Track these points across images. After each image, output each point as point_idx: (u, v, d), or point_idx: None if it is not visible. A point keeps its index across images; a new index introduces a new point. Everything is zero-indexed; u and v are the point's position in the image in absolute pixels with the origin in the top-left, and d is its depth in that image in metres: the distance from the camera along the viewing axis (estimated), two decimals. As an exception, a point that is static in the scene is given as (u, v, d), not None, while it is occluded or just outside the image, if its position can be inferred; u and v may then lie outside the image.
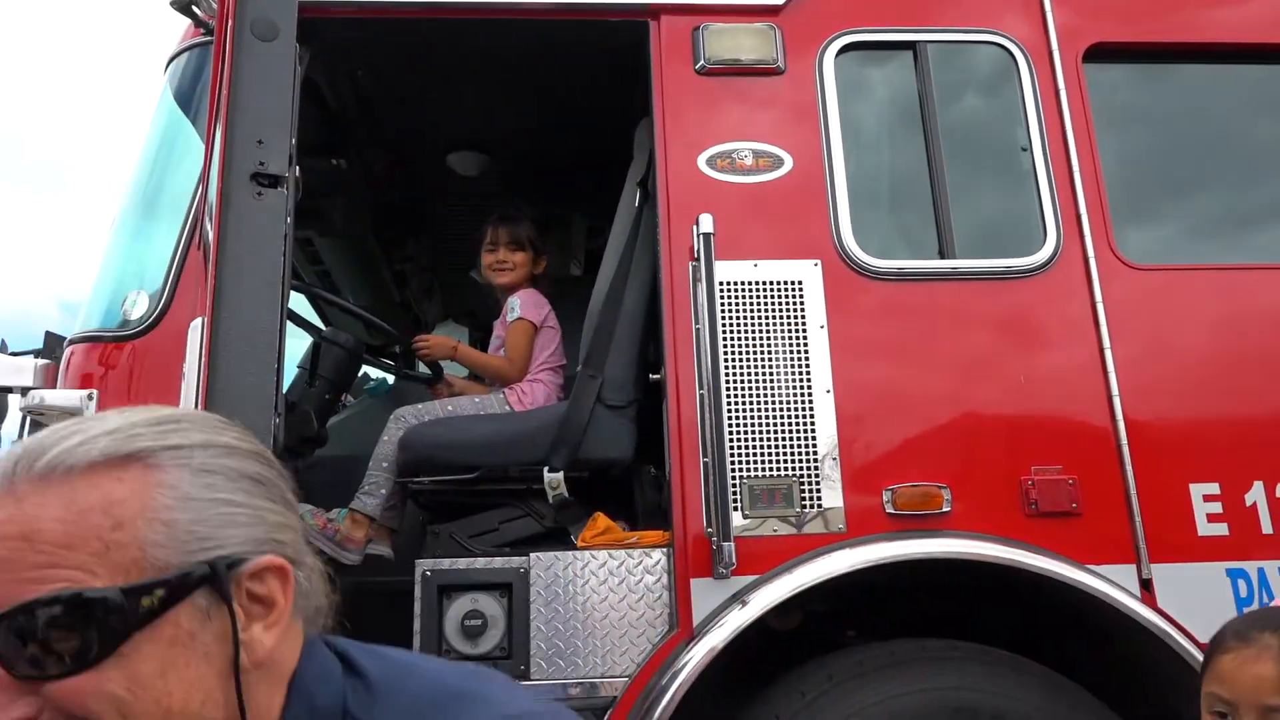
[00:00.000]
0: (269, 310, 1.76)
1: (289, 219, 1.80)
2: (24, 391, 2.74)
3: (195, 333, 1.74)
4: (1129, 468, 2.64)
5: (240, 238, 1.74)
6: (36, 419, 2.88)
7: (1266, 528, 2.65)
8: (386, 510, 3.08)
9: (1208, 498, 2.66)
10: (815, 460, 2.60)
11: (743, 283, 2.71)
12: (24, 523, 0.79)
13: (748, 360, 2.65)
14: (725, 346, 2.63)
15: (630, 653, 2.51)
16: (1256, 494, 2.67)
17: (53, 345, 2.99)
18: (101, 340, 2.80)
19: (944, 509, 2.58)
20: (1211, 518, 2.64)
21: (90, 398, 2.69)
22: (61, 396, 2.70)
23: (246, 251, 1.74)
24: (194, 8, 2.89)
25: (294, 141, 1.86)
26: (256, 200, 1.76)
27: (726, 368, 2.62)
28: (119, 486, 0.83)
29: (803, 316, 2.70)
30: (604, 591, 2.55)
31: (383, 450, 3.09)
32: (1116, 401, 2.69)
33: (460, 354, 3.51)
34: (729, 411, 2.59)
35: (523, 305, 3.44)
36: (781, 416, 2.62)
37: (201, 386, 1.67)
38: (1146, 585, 2.57)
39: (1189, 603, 2.55)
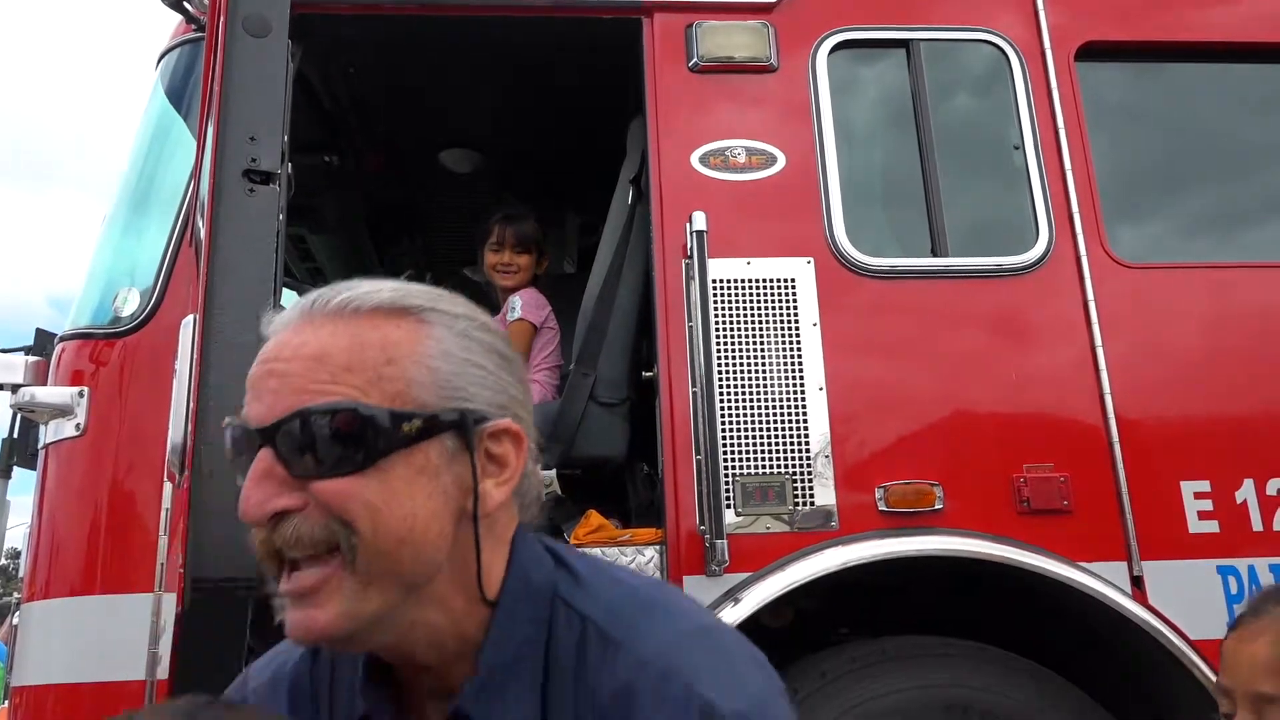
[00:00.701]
0: (261, 307, 1.75)
1: (281, 216, 1.79)
2: (14, 389, 2.73)
3: (187, 330, 1.74)
4: (1120, 465, 2.65)
5: (232, 234, 1.73)
6: (27, 416, 2.87)
7: (1257, 525, 2.66)
8: None
9: (1198, 495, 2.67)
10: (808, 458, 2.60)
11: (736, 280, 2.71)
12: (318, 346, 0.94)
13: (741, 358, 2.65)
14: (718, 344, 2.63)
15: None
16: (1247, 491, 2.68)
17: (43, 342, 2.99)
18: (92, 337, 2.79)
19: (936, 506, 2.59)
20: (1202, 515, 2.65)
21: (81, 395, 2.68)
22: (53, 394, 2.69)
23: (238, 248, 1.73)
24: (185, 4, 2.89)
25: (286, 138, 1.86)
26: (249, 197, 1.75)
27: (719, 365, 2.62)
28: (395, 331, 0.97)
29: (795, 314, 2.71)
30: (597, 589, 2.55)
31: None
32: (1108, 399, 2.70)
33: None
34: (722, 409, 2.59)
35: (524, 306, 3.45)
36: (774, 414, 2.62)
37: (193, 383, 1.67)
38: (1137, 582, 2.58)
39: (1179, 599, 2.56)
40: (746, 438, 2.60)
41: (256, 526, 0.95)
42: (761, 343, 2.67)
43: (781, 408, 2.63)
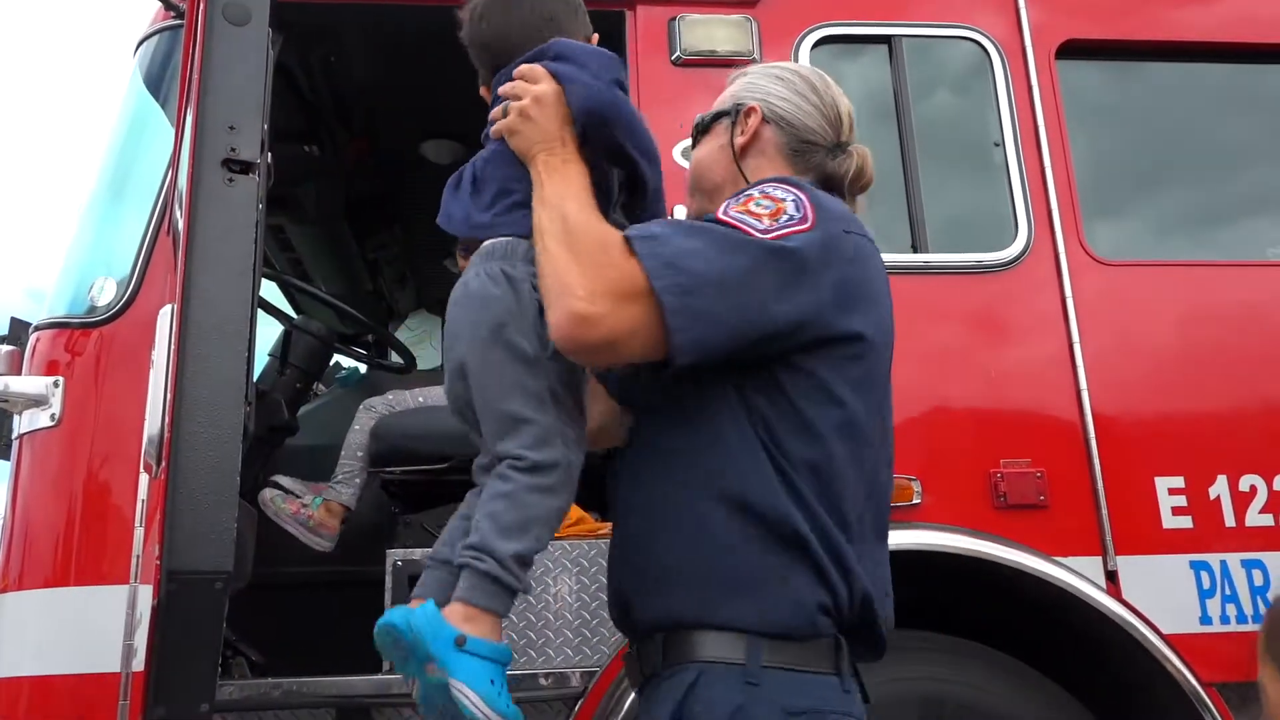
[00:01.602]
0: (240, 298, 1.74)
1: (261, 206, 1.78)
2: (-12, 378, 2.70)
3: (165, 320, 1.72)
4: (1096, 461, 2.67)
5: (211, 224, 1.71)
6: (1, 406, 2.84)
7: (1229, 521, 2.69)
8: (357, 499, 3.07)
9: (1172, 491, 2.69)
10: (787, 452, 2.60)
11: (717, 275, 2.71)
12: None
13: (721, 352, 2.65)
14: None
15: (601, 644, 2.51)
16: (1220, 487, 2.71)
17: (18, 331, 2.95)
18: (68, 327, 2.76)
19: (914, 501, 2.60)
20: (1176, 510, 2.68)
21: (56, 385, 2.65)
22: (27, 383, 2.67)
23: (217, 238, 1.71)
24: (164, -10, 2.86)
25: (266, 127, 1.84)
26: (228, 186, 1.73)
27: None
28: (732, 81, 1.78)
29: (776, 309, 2.71)
30: (576, 582, 2.55)
31: (354, 439, 3.07)
32: (1085, 396, 2.72)
33: None
34: (702, 403, 2.59)
35: None
36: (754, 408, 2.62)
37: (171, 374, 1.65)
38: (1112, 577, 2.61)
39: (1153, 594, 2.59)
40: (726, 432, 2.60)
41: None
42: (742, 337, 2.67)
43: (761, 402, 2.63)
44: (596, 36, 1.80)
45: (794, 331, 1.41)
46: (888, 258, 2.79)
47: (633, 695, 2.38)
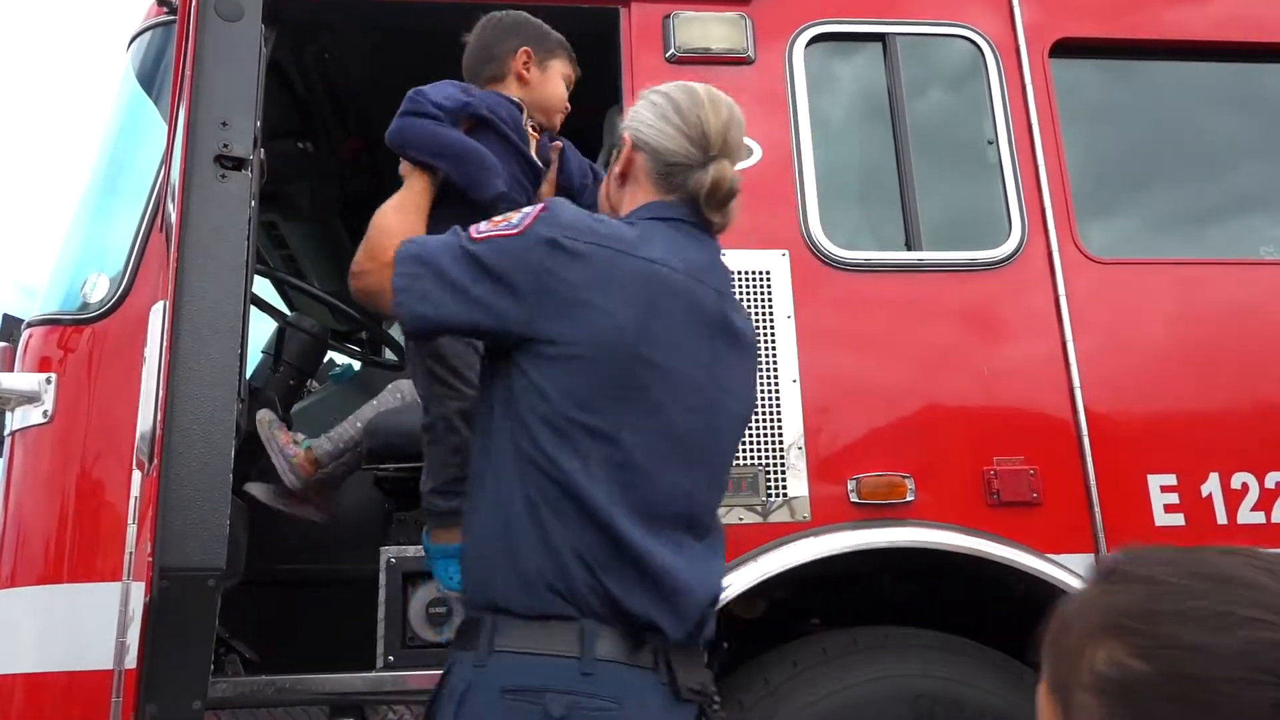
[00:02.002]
0: (232, 295, 1.73)
1: (253, 202, 1.78)
2: (-20, 375, 2.69)
3: (157, 316, 1.72)
4: (1089, 459, 2.68)
5: (203, 221, 1.71)
6: (-7, 403, 2.83)
7: (1221, 518, 2.70)
8: (337, 464, 2.99)
9: (1165, 488, 2.70)
10: (781, 449, 2.61)
11: (711, 272, 2.71)
12: None
13: (715, 349, 2.65)
14: (693, 335, 2.64)
15: (595, 640, 2.50)
16: (1212, 485, 2.72)
17: (10, 328, 2.94)
18: (60, 323, 2.76)
19: (908, 498, 2.61)
20: (1169, 508, 2.69)
21: (49, 381, 2.65)
22: (20, 380, 2.66)
23: (209, 235, 1.71)
24: (157, -14, 2.85)
25: (259, 124, 1.84)
26: (220, 183, 1.73)
27: None
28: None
29: (770, 306, 2.71)
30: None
31: (366, 412, 3.04)
32: (1078, 393, 2.72)
33: None
34: (696, 400, 2.59)
35: None
36: (748, 406, 2.62)
37: (163, 371, 1.65)
38: (1105, 574, 2.61)
39: (1145, 592, 2.59)
40: (720, 429, 2.60)
41: None
42: (736, 334, 2.67)
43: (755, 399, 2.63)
44: (528, 50, 2.28)
45: (490, 329, 1.61)
46: (882, 256, 2.83)
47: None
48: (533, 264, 1.57)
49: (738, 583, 2.47)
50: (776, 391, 2.65)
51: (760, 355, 2.65)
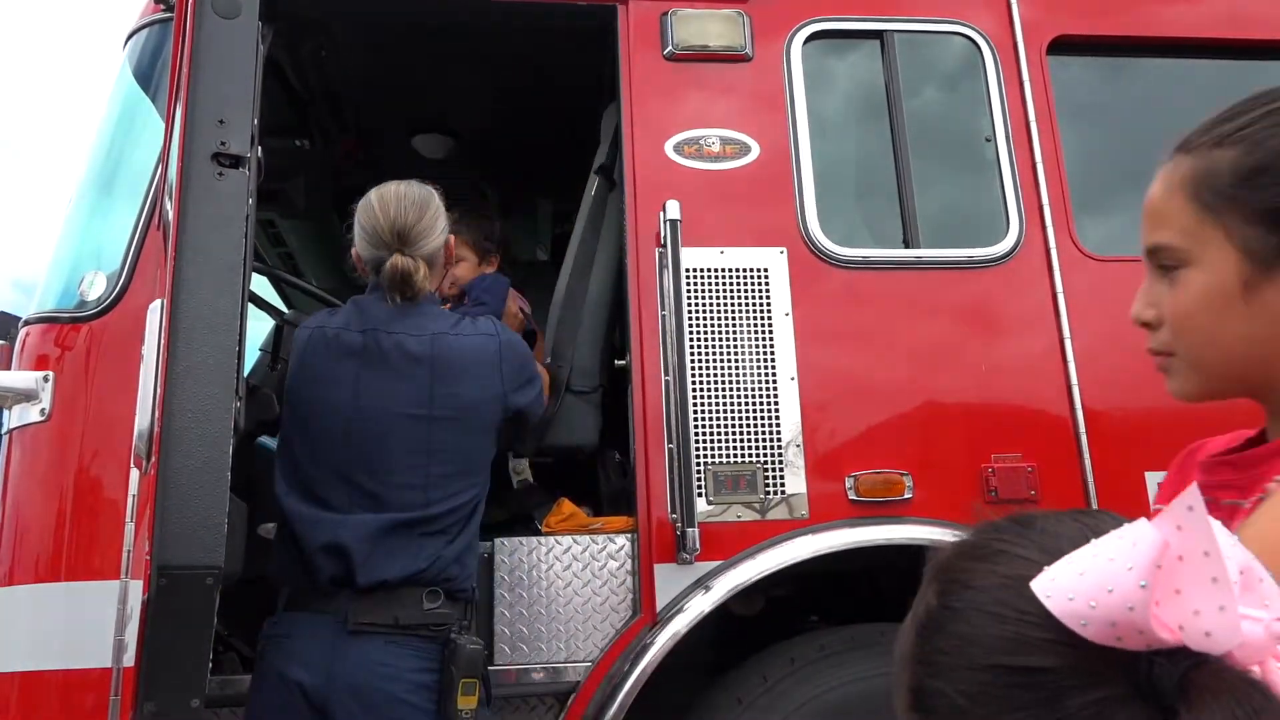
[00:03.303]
0: (230, 292, 1.73)
1: (251, 200, 1.77)
2: (-23, 373, 2.69)
3: (154, 314, 1.71)
4: (1087, 456, 2.68)
5: (201, 219, 1.70)
6: (-9, 401, 2.83)
7: (1218, 515, 2.70)
8: None
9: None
10: (779, 447, 2.61)
11: (708, 269, 2.71)
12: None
13: (713, 347, 2.66)
14: (691, 333, 2.64)
15: (594, 638, 2.51)
16: (1209, 482, 2.72)
17: (7, 325, 2.94)
18: (58, 321, 2.75)
19: (905, 496, 2.61)
20: (1166, 505, 2.69)
21: (46, 379, 2.64)
22: (17, 378, 2.66)
23: (207, 233, 1.70)
24: (154, -17, 2.84)
25: (256, 122, 1.83)
26: (218, 181, 1.72)
27: (692, 354, 2.62)
28: None
29: (768, 304, 2.71)
30: (568, 577, 2.56)
31: None
32: (1075, 391, 2.73)
33: None
34: (694, 398, 2.60)
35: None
36: (746, 403, 2.63)
37: (161, 369, 1.65)
38: (1102, 571, 2.61)
39: (1143, 588, 2.59)
40: (718, 426, 2.61)
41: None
42: (734, 332, 2.68)
43: (753, 397, 2.64)
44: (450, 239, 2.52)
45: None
46: (880, 253, 2.83)
47: (625, 688, 2.40)
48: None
49: (736, 579, 2.48)
50: (774, 389, 2.65)
51: (759, 352, 2.66)
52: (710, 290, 2.70)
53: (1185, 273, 1.03)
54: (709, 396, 2.62)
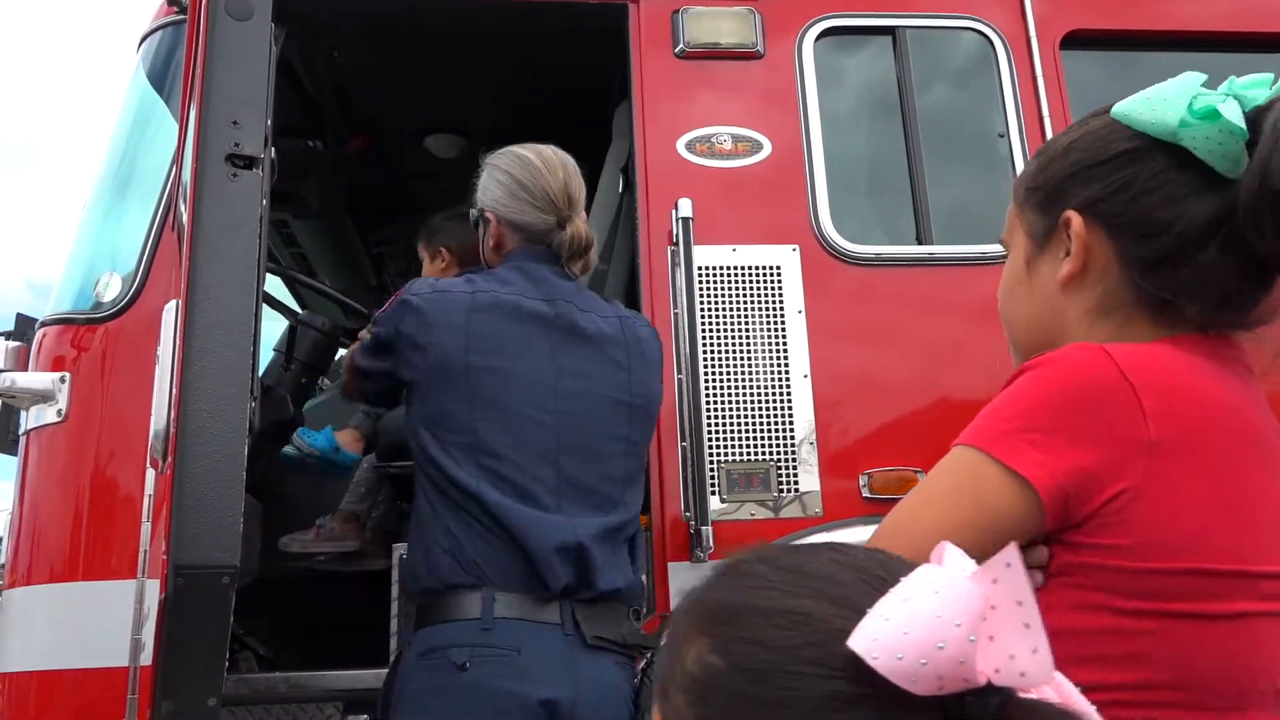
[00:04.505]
0: (244, 293, 1.73)
1: (265, 201, 1.77)
2: (-5, 374, 2.71)
3: (170, 315, 1.72)
4: (1101, 452, 2.66)
5: (215, 220, 1.71)
6: (8, 402, 2.85)
7: (1235, 511, 2.68)
8: (368, 501, 3.08)
9: (1178, 482, 2.69)
10: (793, 445, 2.61)
11: (721, 267, 2.71)
12: None
13: (726, 345, 2.66)
14: (703, 331, 2.64)
15: (607, 636, 2.51)
16: (1226, 478, 2.70)
17: (24, 327, 2.96)
18: (74, 323, 2.77)
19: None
20: (1182, 502, 2.67)
21: (63, 380, 2.66)
22: (33, 379, 2.67)
23: (221, 234, 1.71)
24: (167, -14, 2.86)
25: (270, 123, 1.84)
26: (232, 182, 1.72)
27: (705, 352, 2.62)
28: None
29: (781, 301, 2.71)
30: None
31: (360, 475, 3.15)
32: (1090, 387, 2.71)
33: None
34: (707, 396, 2.59)
35: None
36: (759, 401, 2.63)
37: (176, 370, 1.65)
38: (1118, 568, 2.60)
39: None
40: (731, 425, 2.60)
41: None
42: (747, 330, 2.68)
43: (766, 395, 2.63)
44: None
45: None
46: (893, 250, 2.83)
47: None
48: (398, 320, 1.98)
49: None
50: (788, 387, 2.64)
51: (772, 350, 2.65)
52: (723, 288, 2.70)
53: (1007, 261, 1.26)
54: (722, 394, 2.62)
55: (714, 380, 2.62)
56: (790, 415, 2.62)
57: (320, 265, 4.99)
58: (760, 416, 2.62)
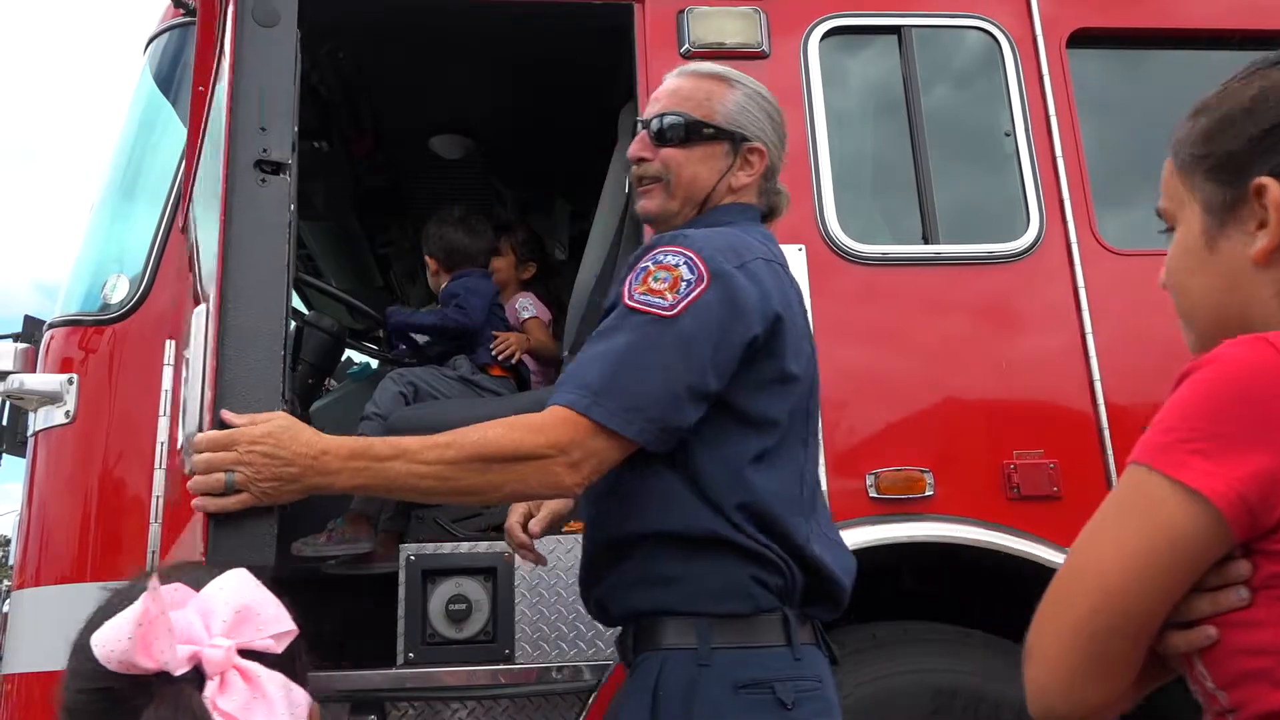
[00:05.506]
0: (275, 297, 1.72)
1: (292, 206, 1.77)
2: (3, 376, 2.72)
3: (199, 320, 1.71)
4: (1109, 452, 2.66)
5: (245, 225, 1.70)
6: (16, 403, 2.86)
7: (1244, 511, 2.67)
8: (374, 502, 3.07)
9: (1186, 481, 2.68)
10: (799, 444, 2.60)
11: (727, 267, 2.70)
12: (677, 87, 1.86)
13: (732, 345, 2.65)
14: (709, 331, 2.63)
15: (614, 637, 2.51)
16: (1234, 477, 2.69)
17: (32, 329, 2.97)
18: (81, 324, 2.78)
19: (927, 493, 2.60)
20: (1190, 501, 2.66)
21: (71, 382, 2.67)
22: (41, 381, 2.69)
23: (252, 239, 1.70)
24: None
25: (296, 128, 1.84)
26: (260, 187, 1.73)
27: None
28: (714, 85, 1.85)
29: (787, 301, 2.70)
30: (588, 575, 2.56)
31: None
32: (1098, 386, 2.71)
33: (533, 345, 3.65)
34: (713, 396, 2.58)
35: (534, 305, 3.79)
36: (765, 401, 2.62)
37: (209, 375, 1.65)
38: (1125, 568, 2.59)
39: (1167, 585, 2.57)
40: (738, 424, 2.60)
41: (633, 163, 1.85)
42: (753, 330, 2.67)
43: (773, 395, 2.62)
44: None
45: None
46: (899, 249, 2.82)
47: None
48: (740, 290, 1.63)
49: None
50: (794, 386, 2.63)
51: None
52: (729, 288, 2.69)
53: (1175, 234, 1.11)
54: (728, 394, 2.61)
55: (720, 380, 2.62)
56: (797, 415, 2.62)
57: (326, 266, 5.00)
58: (767, 416, 2.61)
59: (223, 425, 1.54)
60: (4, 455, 3.19)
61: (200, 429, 1.59)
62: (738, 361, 1.59)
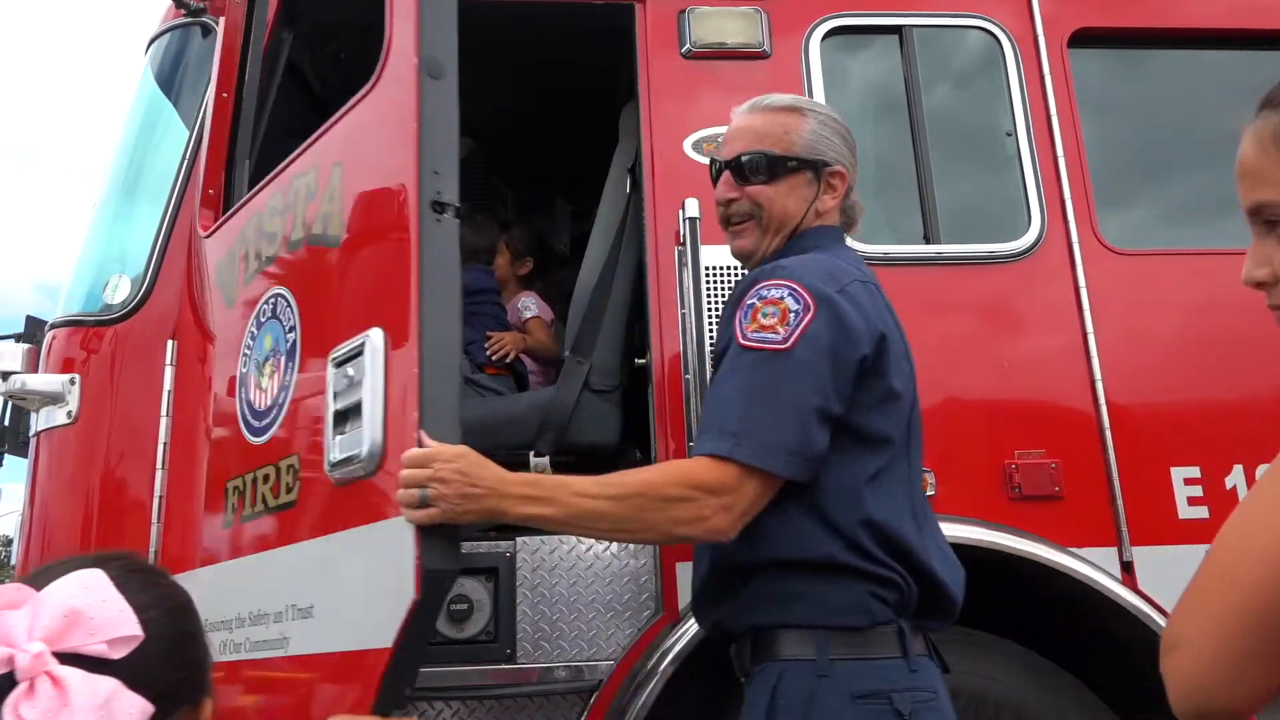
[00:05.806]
0: (454, 327, 1.85)
1: (458, 242, 1.89)
2: (5, 376, 2.73)
3: (378, 343, 1.80)
4: (1111, 451, 2.66)
5: (427, 261, 1.82)
6: (18, 404, 2.87)
7: (1246, 510, 2.67)
8: None
9: (1188, 481, 2.68)
10: (800, 444, 2.60)
11: (729, 267, 2.71)
12: (750, 125, 1.89)
13: (733, 345, 2.65)
14: (711, 331, 2.63)
15: (616, 636, 2.52)
16: (1236, 477, 2.69)
17: (34, 329, 2.98)
18: (83, 325, 2.78)
19: (928, 493, 2.60)
20: (1192, 500, 2.67)
21: (73, 382, 2.67)
22: (44, 381, 2.69)
23: (432, 275, 1.82)
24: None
25: (458, 171, 1.97)
26: (437, 226, 1.84)
27: (712, 353, 2.62)
28: (788, 117, 1.88)
29: (788, 301, 2.70)
30: (590, 575, 2.56)
31: None
32: (1099, 385, 2.71)
33: (529, 344, 3.66)
34: (714, 396, 2.59)
35: (535, 305, 3.80)
36: (767, 401, 2.62)
37: (409, 399, 1.72)
38: (1127, 568, 2.60)
39: (1169, 585, 2.58)
40: (739, 424, 2.60)
41: (721, 205, 1.90)
42: (754, 330, 2.67)
43: (774, 394, 2.62)
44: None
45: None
46: (900, 249, 2.82)
47: (648, 687, 2.41)
48: (846, 315, 1.69)
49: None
50: (795, 386, 2.63)
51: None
52: (730, 288, 2.69)
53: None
54: (730, 394, 2.61)
55: (722, 380, 2.62)
56: (798, 415, 2.62)
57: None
58: (768, 416, 2.61)
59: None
60: (6, 455, 3.19)
61: (383, 453, 1.71)
62: (853, 383, 1.65)
